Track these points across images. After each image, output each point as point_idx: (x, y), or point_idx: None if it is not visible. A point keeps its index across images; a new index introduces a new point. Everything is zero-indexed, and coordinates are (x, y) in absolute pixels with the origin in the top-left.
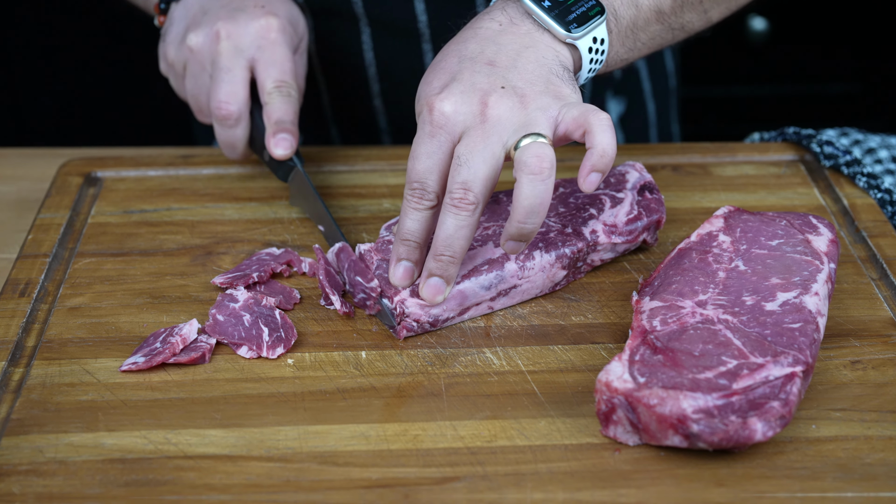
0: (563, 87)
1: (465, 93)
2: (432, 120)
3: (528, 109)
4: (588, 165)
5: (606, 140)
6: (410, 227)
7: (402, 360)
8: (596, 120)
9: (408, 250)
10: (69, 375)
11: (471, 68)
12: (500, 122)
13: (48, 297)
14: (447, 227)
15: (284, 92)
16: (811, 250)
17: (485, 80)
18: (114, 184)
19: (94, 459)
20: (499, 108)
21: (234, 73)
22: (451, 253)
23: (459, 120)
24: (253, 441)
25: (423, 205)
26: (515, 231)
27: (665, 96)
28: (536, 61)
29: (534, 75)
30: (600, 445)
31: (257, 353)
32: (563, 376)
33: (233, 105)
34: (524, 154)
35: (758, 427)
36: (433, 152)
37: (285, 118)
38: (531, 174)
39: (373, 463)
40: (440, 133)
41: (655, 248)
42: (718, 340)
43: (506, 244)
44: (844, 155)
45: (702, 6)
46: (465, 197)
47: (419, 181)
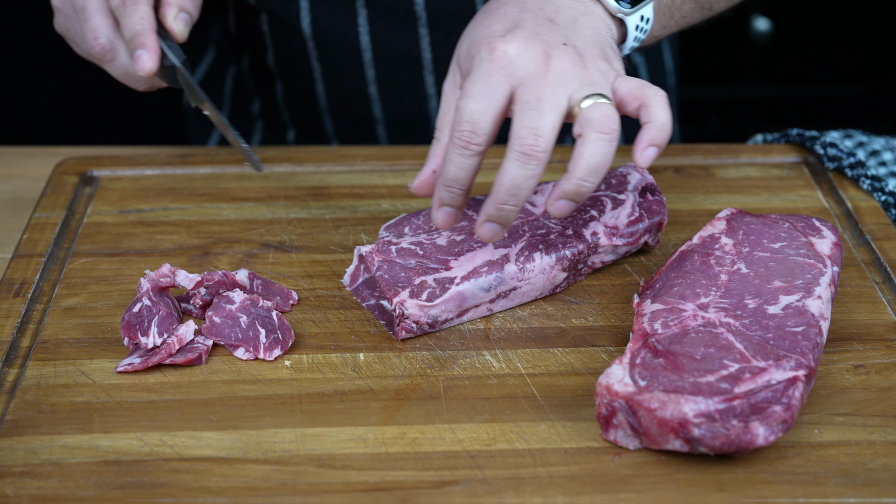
0: (614, 59)
1: (529, 39)
2: (493, 58)
3: (589, 70)
4: (646, 139)
5: (665, 115)
6: (456, 174)
7: (401, 363)
8: (654, 94)
9: (452, 197)
10: (64, 376)
11: (533, 19)
12: (563, 74)
13: (43, 298)
14: (514, 176)
15: (128, 4)
16: (814, 253)
17: (548, 34)
18: (110, 183)
19: (89, 461)
20: (562, 62)
21: (90, 7)
22: (515, 202)
23: (522, 64)
24: (249, 443)
25: (471, 150)
26: (573, 189)
27: None
28: (592, 28)
29: (591, 40)
30: (600, 449)
31: (254, 354)
32: (563, 379)
33: (101, 38)
34: (593, 111)
35: (760, 431)
36: (490, 92)
37: (133, 30)
38: (601, 132)
39: (370, 466)
40: (500, 73)
41: (657, 251)
42: (720, 344)
43: (556, 203)
44: (848, 157)
45: None
46: (536, 144)
47: (471, 122)
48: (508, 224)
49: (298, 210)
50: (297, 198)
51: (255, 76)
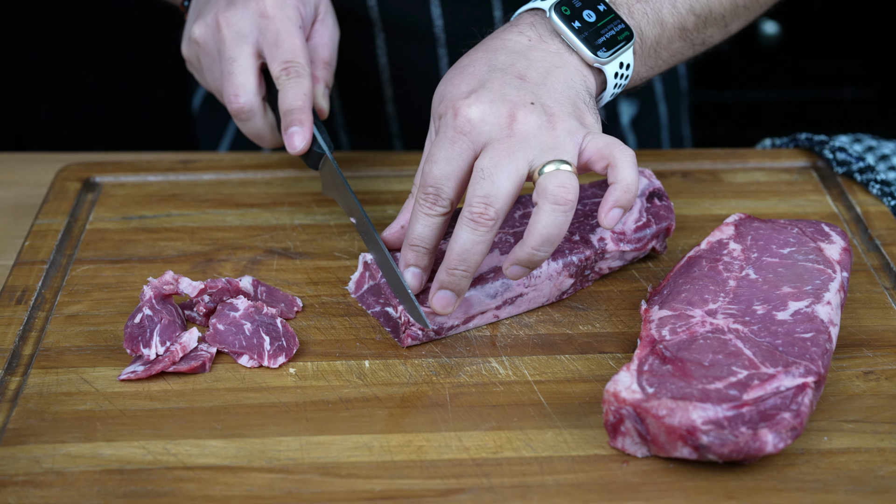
0: (587, 115)
1: (494, 102)
2: (456, 125)
3: (556, 131)
4: (611, 201)
5: (630, 176)
6: (421, 232)
7: (406, 370)
8: (621, 154)
9: (416, 256)
10: (67, 384)
11: (501, 79)
12: (526, 138)
13: (45, 305)
14: (463, 241)
15: (293, 74)
16: (823, 259)
17: (515, 93)
18: (112, 189)
19: (92, 470)
20: (527, 124)
21: (239, 63)
22: (465, 267)
23: (485, 130)
24: (254, 452)
25: (435, 211)
26: (526, 257)
27: (676, 98)
28: (565, 83)
29: (562, 96)
30: (608, 457)
31: (258, 362)
32: (571, 386)
33: (242, 97)
34: (549, 181)
35: (769, 439)
36: (452, 158)
37: (293, 105)
38: (554, 204)
39: (376, 474)
40: (463, 139)
41: (664, 256)
42: (729, 350)
43: (510, 268)
44: (857, 161)
45: (723, 20)
46: (485, 212)
47: (434, 186)
48: (462, 292)
49: (303, 216)
50: (301, 204)
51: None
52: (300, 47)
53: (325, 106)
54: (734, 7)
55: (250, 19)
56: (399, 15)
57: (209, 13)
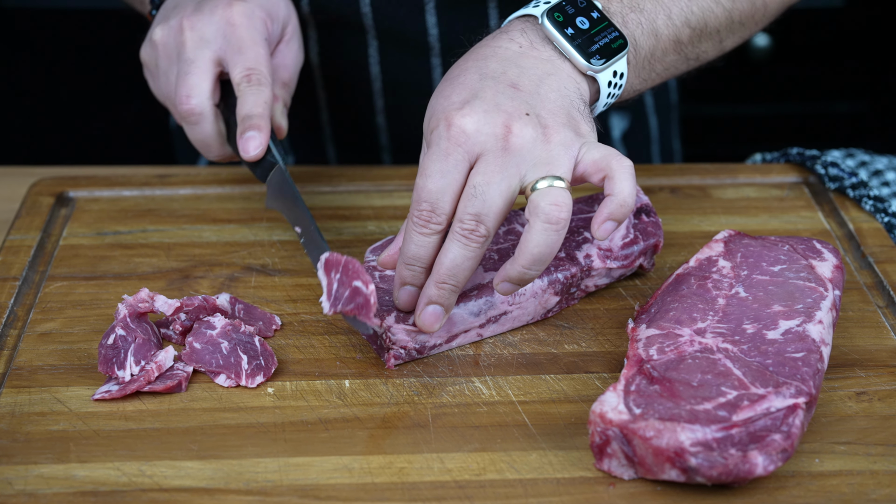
0: (582, 123)
1: (489, 112)
2: (450, 136)
3: (551, 144)
4: (605, 213)
5: (627, 189)
6: (416, 252)
7: (388, 390)
8: (619, 166)
9: (413, 275)
10: (39, 404)
11: (494, 88)
12: (521, 152)
13: (18, 323)
14: (454, 257)
15: (254, 81)
16: (815, 276)
17: (509, 103)
18: (87, 204)
19: (66, 492)
20: (522, 137)
21: (198, 65)
22: (455, 283)
23: (480, 140)
24: (231, 473)
25: (431, 228)
26: (517, 276)
27: (667, 112)
28: (558, 91)
29: (556, 105)
30: (594, 479)
31: (236, 381)
32: (556, 407)
33: (194, 99)
34: (542, 199)
35: (759, 461)
36: (447, 171)
37: (253, 112)
38: (547, 223)
39: (356, 497)
40: (457, 151)
41: (652, 274)
42: (718, 370)
43: (501, 285)
44: (850, 177)
45: (718, 35)
46: (476, 229)
47: (430, 202)
48: (450, 308)
49: (281, 232)
50: (280, 219)
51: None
52: (264, 56)
53: (283, 124)
54: (729, 22)
55: (216, 26)
56: (393, 22)
57: (174, 17)
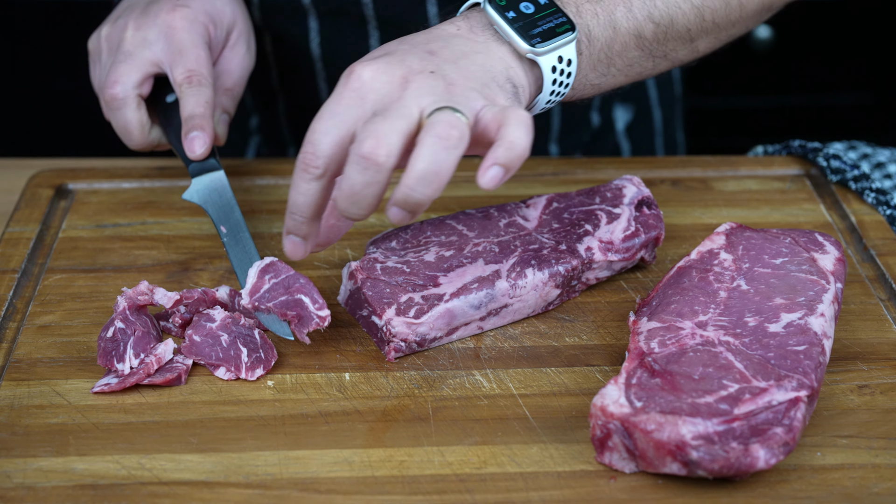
0: (498, 95)
1: (391, 64)
2: (347, 83)
3: (452, 94)
4: (491, 158)
5: (518, 134)
6: (296, 199)
7: (388, 383)
8: (514, 114)
9: (295, 224)
10: (38, 397)
11: (408, 50)
12: (419, 90)
13: (17, 315)
14: (352, 182)
15: (194, 82)
16: (817, 269)
17: (417, 62)
18: (86, 196)
19: (65, 485)
20: (420, 86)
21: (133, 58)
22: (357, 210)
23: (375, 87)
24: (231, 467)
25: (310, 173)
26: (401, 198)
27: (671, 104)
28: (482, 65)
29: (472, 74)
30: (595, 473)
31: (235, 374)
32: (557, 400)
33: (119, 85)
34: (436, 118)
35: (760, 454)
36: (338, 113)
37: (195, 112)
38: (436, 137)
39: (356, 490)
40: (350, 96)
41: (654, 267)
42: (719, 363)
43: (389, 210)
44: (852, 169)
45: (688, 34)
46: (376, 149)
47: (311, 142)
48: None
49: (281, 224)
50: (279, 212)
51: (255, 93)
52: (204, 58)
53: (221, 133)
54: (700, 20)
55: (158, 29)
56: (394, 13)
57: (123, 18)
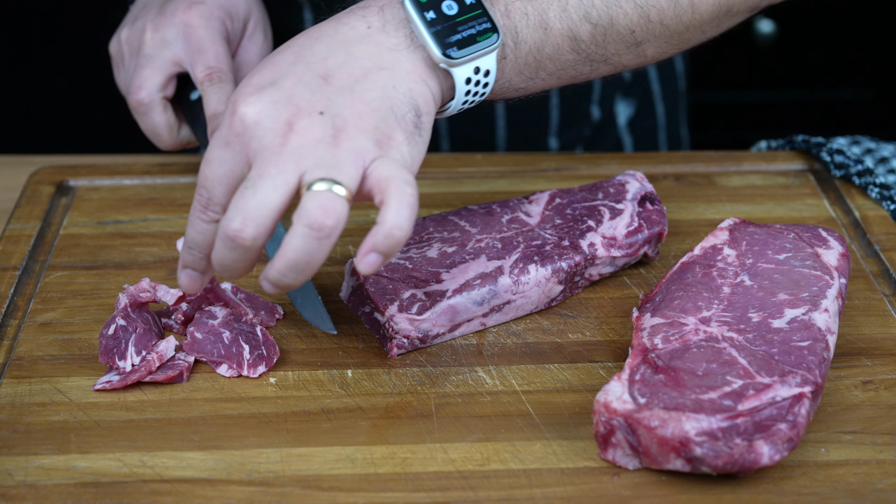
0: (396, 131)
1: (277, 103)
2: (231, 124)
3: (339, 149)
4: (369, 243)
5: (397, 218)
6: (195, 237)
7: (390, 380)
8: (397, 191)
9: (193, 260)
10: (40, 395)
11: (299, 76)
12: (300, 150)
13: (18, 313)
14: (222, 258)
15: (215, 79)
16: (821, 265)
17: (306, 97)
18: (87, 193)
19: (66, 483)
20: (305, 136)
21: (155, 61)
22: (229, 275)
23: (258, 133)
24: (233, 464)
25: (207, 216)
26: (273, 278)
27: (674, 99)
28: (382, 90)
29: (368, 107)
30: (598, 469)
31: (238, 371)
32: (560, 397)
33: (143, 90)
34: (310, 201)
35: (764, 450)
36: (225, 160)
37: (218, 110)
38: (308, 226)
39: (359, 487)
40: (235, 142)
41: (657, 262)
42: (723, 359)
43: (263, 282)
44: (856, 164)
45: (633, 37)
46: (241, 230)
47: (207, 189)
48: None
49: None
50: None
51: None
52: (223, 54)
53: None
54: (645, 21)
55: (176, 28)
56: None
57: (140, 20)
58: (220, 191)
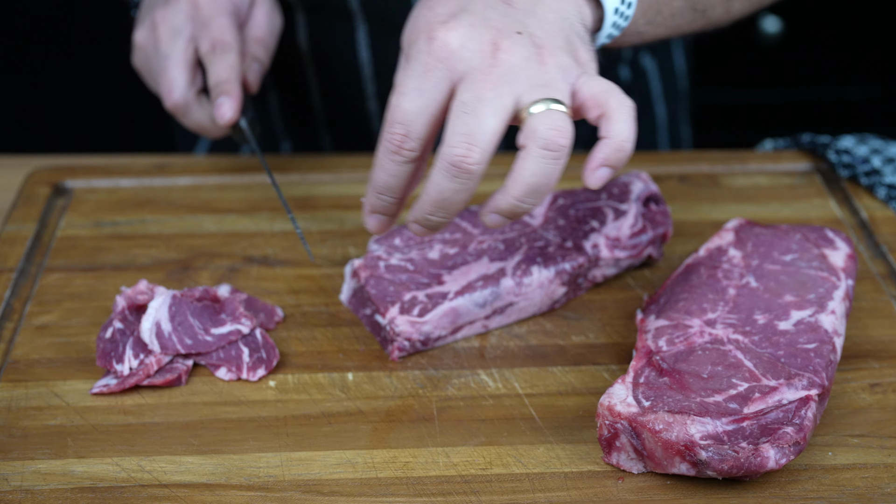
0: (581, 50)
1: (476, 26)
2: (431, 50)
3: (547, 66)
4: (599, 157)
5: (626, 131)
6: (387, 181)
7: (392, 383)
8: (619, 104)
9: (384, 206)
10: (36, 398)
11: (483, 3)
12: (513, 71)
13: (14, 315)
14: (441, 189)
15: (218, 49)
16: (827, 266)
17: (499, 19)
18: (84, 194)
19: (63, 488)
20: (513, 55)
21: (173, 58)
22: (444, 214)
23: (465, 56)
24: (232, 468)
25: (403, 155)
26: (508, 207)
27: (675, 99)
28: (557, 12)
29: (554, 27)
30: (602, 473)
31: (237, 374)
32: (563, 400)
33: (175, 93)
34: (540, 122)
35: (770, 454)
36: (426, 90)
37: (220, 78)
38: (545, 149)
39: (360, 492)
40: (439, 68)
41: (661, 264)
42: (728, 362)
43: (489, 216)
44: (863, 164)
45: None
46: (468, 155)
47: (403, 123)
48: (436, 230)
49: (283, 222)
50: (281, 209)
51: None
52: (227, 26)
53: (252, 81)
54: None
55: (183, 13)
56: (381, 7)
57: (147, 16)
58: (419, 123)
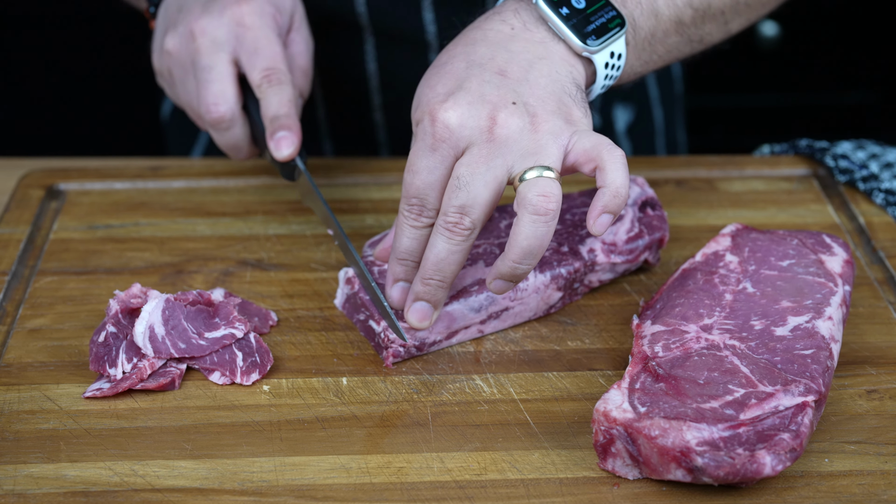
0: (574, 110)
1: (473, 104)
2: (434, 132)
3: (539, 133)
4: (599, 206)
5: (620, 179)
6: (408, 245)
7: (386, 388)
8: (610, 156)
9: (405, 270)
10: (29, 402)
11: (479, 76)
12: (507, 143)
13: (7, 319)
14: (438, 251)
15: (274, 81)
16: (824, 271)
17: (495, 93)
18: (77, 197)
19: (56, 492)
20: (507, 128)
21: (217, 70)
22: (441, 277)
23: (465, 135)
24: (226, 473)
25: (421, 222)
26: (508, 271)
27: (671, 103)
28: (549, 76)
29: (546, 91)
30: (598, 479)
31: (231, 379)
32: (559, 405)
33: (222, 106)
34: (529, 190)
35: (767, 461)
36: (434, 167)
37: (280, 112)
38: (535, 214)
39: (354, 497)
40: (442, 146)
41: (658, 269)
42: (725, 368)
43: (494, 283)
44: (861, 169)
45: (723, 17)
46: (460, 222)
47: (418, 197)
48: (439, 304)
49: (277, 226)
50: (275, 213)
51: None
52: (280, 54)
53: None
54: (734, 3)
55: (227, 27)
56: (390, 20)
57: (182, 23)
58: (433, 196)
